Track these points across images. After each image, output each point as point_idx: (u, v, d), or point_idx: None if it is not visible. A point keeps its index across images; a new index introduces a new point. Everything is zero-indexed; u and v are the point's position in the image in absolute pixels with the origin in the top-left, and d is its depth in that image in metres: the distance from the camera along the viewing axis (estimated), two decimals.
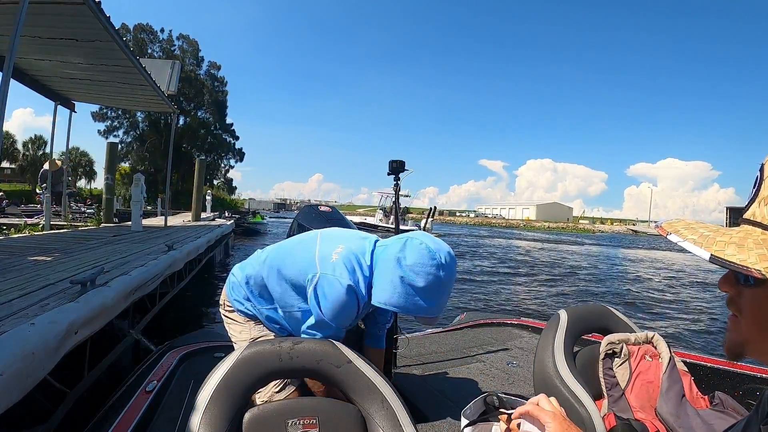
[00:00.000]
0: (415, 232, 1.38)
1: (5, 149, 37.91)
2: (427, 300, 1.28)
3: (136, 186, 8.33)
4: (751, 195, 0.47)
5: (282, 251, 1.49)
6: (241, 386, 0.92)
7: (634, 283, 13.21)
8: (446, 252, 1.31)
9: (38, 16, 4.89)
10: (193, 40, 39.30)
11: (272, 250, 1.53)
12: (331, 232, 1.51)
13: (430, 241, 1.32)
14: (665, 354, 1.52)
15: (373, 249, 1.39)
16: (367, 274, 1.34)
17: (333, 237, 1.45)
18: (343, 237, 1.46)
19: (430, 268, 1.27)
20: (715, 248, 0.44)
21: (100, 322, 2.72)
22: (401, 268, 1.27)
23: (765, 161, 0.45)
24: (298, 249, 1.45)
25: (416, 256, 1.27)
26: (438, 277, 1.27)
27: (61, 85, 8.19)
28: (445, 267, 1.29)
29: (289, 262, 1.42)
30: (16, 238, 6.21)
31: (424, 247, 1.28)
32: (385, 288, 1.29)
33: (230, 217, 17.91)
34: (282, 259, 1.45)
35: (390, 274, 1.29)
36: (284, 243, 1.54)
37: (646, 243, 41.69)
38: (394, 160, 2.51)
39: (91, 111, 35.33)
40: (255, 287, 1.52)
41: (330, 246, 1.38)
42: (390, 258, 1.31)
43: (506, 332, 3.06)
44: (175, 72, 10.74)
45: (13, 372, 1.74)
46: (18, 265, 3.77)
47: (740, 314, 0.49)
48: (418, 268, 1.26)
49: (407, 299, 1.27)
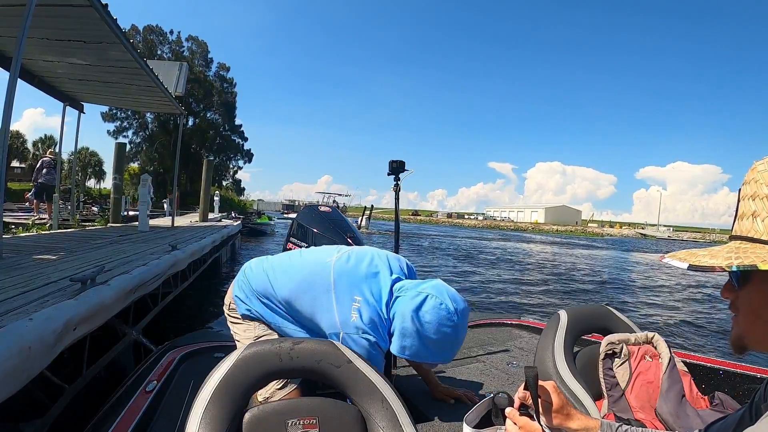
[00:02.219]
0: (434, 286, 1.41)
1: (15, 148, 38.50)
2: (440, 354, 1.41)
3: (143, 186, 8.40)
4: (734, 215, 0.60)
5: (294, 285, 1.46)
6: (241, 386, 0.92)
7: (636, 284, 13.17)
8: (462, 309, 1.39)
9: (45, 18, 4.95)
10: (203, 42, 39.82)
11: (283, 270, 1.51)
12: (343, 267, 1.45)
13: (449, 298, 1.37)
14: (665, 354, 1.51)
15: (389, 299, 1.42)
16: (386, 324, 1.41)
17: (347, 277, 1.42)
18: (358, 278, 1.43)
19: (447, 329, 1.35)
20: (694, 260, 0.57)
21: (98, 320, 2.74)
22: (420, 326, 1.35)
23: (741, 186, 0.59)
24: (311, 292, 1.43)
25: (435, 315, 1.34)
26: (454, 336, 1.38)
27: (69, 86, 8.29)
28: (461, 326, 1.38)
29: (305, 305, 1.43)
30: (23, 237, 6.28)
31: (444, 308, 1.35)
32: (404, 342, 1.38)
33: (236, 218, 18.02)
34: (295, 297, 1.45)
35: (409, 329, 1.36)
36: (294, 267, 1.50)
37: (653, 246, 41.36)
38: (394, 160, 2.49)
39: (101, 111, 35.90)
40: (266, 305, 1.52)
41: (346, 299, 1.37)
42: (408, 313, 1.36)
43: (506, 332, 3.03)
44: (182, 73, 10.86)
45: (9, 366, 1.76)
46: (22, 264, 3.80)
47: (738, 313, 0.60)
48: (436, 327, 1.34)
49: (423, 352, 1.38)
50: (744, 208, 0.58)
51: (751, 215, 0.56)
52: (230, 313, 1.62)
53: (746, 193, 0.58)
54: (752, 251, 0.54)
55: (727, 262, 0.53)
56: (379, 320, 1.37)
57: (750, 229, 0.56)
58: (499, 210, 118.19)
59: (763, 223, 0.54)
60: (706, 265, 0.55)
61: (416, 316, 1.34)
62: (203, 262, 7.38)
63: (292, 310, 1.46)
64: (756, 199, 0.56)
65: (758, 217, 0.55)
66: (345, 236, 2.41)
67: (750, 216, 0.56)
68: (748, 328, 0.59)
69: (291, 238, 2.60)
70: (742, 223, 0.57)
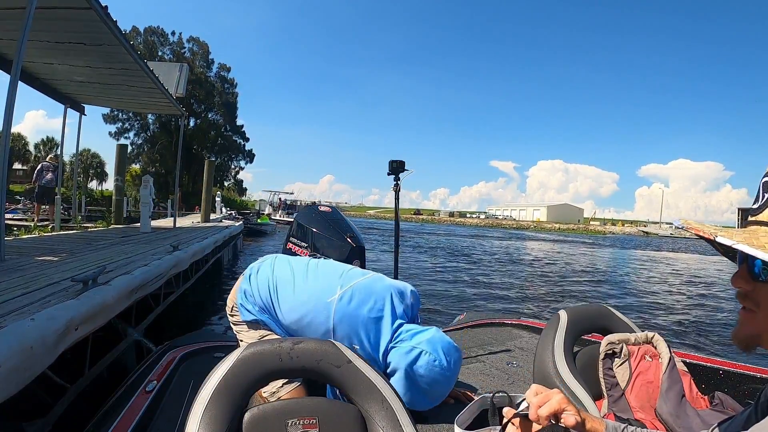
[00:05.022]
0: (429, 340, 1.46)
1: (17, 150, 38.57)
2: (432, 401, 1.50)
3: (145, 187, 8.41)
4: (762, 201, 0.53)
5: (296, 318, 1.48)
6: (241, 386, 0.91)
7: (636, 284, 13.11)
8: (455, 361, 1.48)
9: (46, 21, 4.97)
10: (204, 43, 39.86)
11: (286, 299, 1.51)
12: (345, 310, 1.45)
13: (442, 353, 1.44)
14: (665, 354, 1.50)
15: (387, 347, 1.46)
16: (383, 366, 1.48)
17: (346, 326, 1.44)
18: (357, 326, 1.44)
19: (440, 381, 1.45)
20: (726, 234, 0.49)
21: (100, 320, 2.75)
22: (413, 379, 1.42)
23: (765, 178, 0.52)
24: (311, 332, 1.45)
25: (428, 371, 1.42)
26: (446, 386, 1.48)
27: (70, 89, 8.31)
28: (452, 379, 1.48)
29: None
30: (25, 238, 6.30)
31: (438, 365, 1.42)
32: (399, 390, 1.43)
33: (237, 218, 18.04)
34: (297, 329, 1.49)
35: (403, 381, 1.43)
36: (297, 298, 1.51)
37: (655, 244, 41.30)
38: (393, 160, 2.50)
39: (102, 113, 35.96)
40: (270, 318, 1.55)
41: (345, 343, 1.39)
42: (403, 367, 1.43)
43: (506, 332, 3.03)
44: (183, 75, 10.88)
45: (11, 365, 1.77)
46: (24, 265, 3.82)
47: (757, 308, 0.52)
48: (430, 380, 1.43)
49: (417, 400, 1.46)
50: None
51: None
52: (233, 315, 1.63)
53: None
54: None
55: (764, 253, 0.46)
56: (377, 366, 1.43)
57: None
58: (501, 208, 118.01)
59: None
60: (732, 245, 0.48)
61: (411, 370, 1.42)
62: (205, 263, 7.39)
63: (294, 335, 1.51)
64: None
65: None
66: (345, 236, 2.41)
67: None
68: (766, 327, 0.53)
69: (291, 238, 2.60)
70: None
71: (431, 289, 9.62)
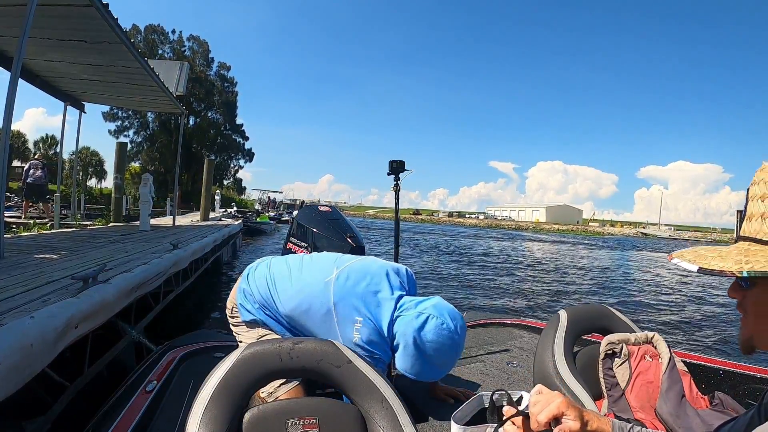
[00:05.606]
0: (435, 305, 1.44)
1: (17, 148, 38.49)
2: (441, 370, 1.49)
3: (144, 186, 8.39)
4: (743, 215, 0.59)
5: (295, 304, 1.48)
6: (241, 386, 0.92)
7: (636, 284, 13.11)
8: (461, 327, 1.44)
9: (46, 18, 4.96)
10: (204, 41, 39.73)
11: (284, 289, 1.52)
12: (343, 286, 1.46)
13: (449, 317, 1.42)
14: (665, 354, 1.50)
15: (392, 317, 1.44)
16: (388, 343, 1.46)
17: (347, 298, 1.44)
18: (358, 298, 1.44)
19: (449, 347, 1.41)
20: (703, 262, 0.56)
21: (100, 318, 2.74)
22: (423, 345, 1.39)
23: (750, 186, 0.58)
24: (312, 313, 1.45)
25: (437, 335, 1.39)
26: (455, 353, 1.45)
27: (70, 86, 8.30)
28: (460, 344, 1.45)
29: (307, 325, 1.47)
30: (24, 236, 6.30)
31: (445, 328, 1.40)
32: (407, 360, 1.43)
33: (237, 216, 18.02)
34: (297, 316, 1.48)
35: (412, 349, 1.41)
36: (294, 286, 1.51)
37: (654, 246, 41.31)
38: (393, 160, 2.49)
39: (102, 111, 35.82)
40: (269, 315, 1.55)
41: (348, 320, 1.40)
42: (411, 333, 1.40)
43: (506, 332, 3.03)
44: (183, 73, 10.85)
45: (11, 363, 1.76)
46: (24, 263, 3.81)
47: (746, 314, 0.60)
48: (438, 346, 1.40)
49: (426, 370, 1.44)
50: (753, 209, 0.57)
51: (760, 216, 0.55)
52: (232, 316, 1.63)
53: (755, 194, 0.57)
54: (762, 254, 0.53)
55: (737, 266, 0.52)
56: (380, 339, 1.42)
57: (759, 230, 0.55)
58: (501, 209, 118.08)
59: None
60: (716, 269, 0.54)
61: (419, 336, 1.38)
62: (204, 261, 7.38)
63: (296, 325, 1.50)
64: (765, 200, 0.55)
65: (767, 218, 0.54)
66: (345, 236, 2.41)
67: (759, 217, 0.55)
68: (756, 329, 0.58)
69: (291, 238, 2.60)
70: (751, 224, 0.57)
71: (431, 289, 9.61)
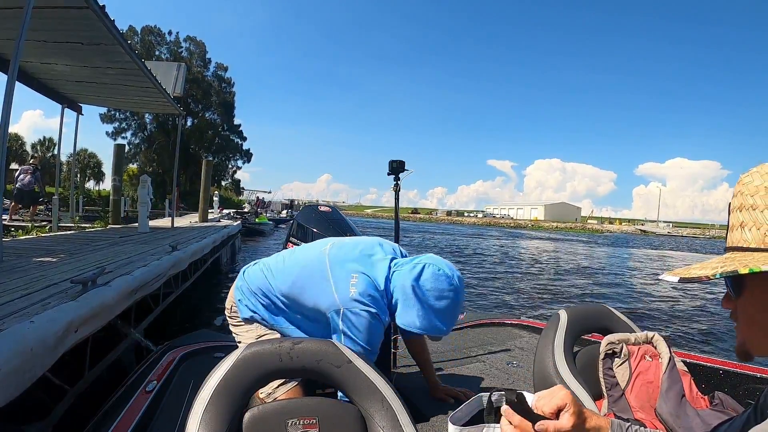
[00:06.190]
0: (429, 257, 1.46)
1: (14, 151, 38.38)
2: (445, 321, 1.43)
3: (143, 187, 8.37)
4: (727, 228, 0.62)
5: (296, 284, 1.48)
6: (241, 386, 0.92)
7: (636, 283, 13.11)
8: (459, 276, 1.44)
9: (43, 20, 4.95)
10: (201, 42, 39.67)
11: (285, 280, 1.52)
12: (337, 253, 1.49)
13: (445, 266, 1.43)
14: (665, 354, 1.50)
15: (387, 273, 1.44)
16: (386, 300, 1.43)
17: (342, 262, 1.45)
18: (353, 260, 1.45)
19: (449, 293, 1.40)
20: (685, 273, 0.60)
21: (100, 321, 2.74)
22: (422, 294, 1.39)
23: (731, 200, 0.61)
24: (312, 285, 1.45)
25: (435, 282, 1.39)
26: (456, 301, 1.42)
27: (67, 88, 8.28)
28: (460, 290, 1.43)
29: (307, 298, 1.45)
30: (22, 239, 6.28)
31: (442, 274, 1.40)
32: (408, 313, 1.41)
33: (235, 217, 18.00)
34: (299, 294, 1.47)
35: (411, 300, 1.40)
36: (295, 273, 1.51)
37: (653, 243, 41.39)
38: (393, 160, 2.49)
39: (100, 113, 35.75)
40: (267, 305, 1.54)
41: (344, 277, 1.40)
42: (409, 283, 1.40)
43: (506, 332, 3.03)
44: (180, 74, 10.85)
45: (11, 368, 1.76)
46: (23, 266, 3.80)
47: (737, 322, 0.62)
48: (438, 293, 1.39)
49: (428, 322, 1.40)
50: (733, 220, 0.61)
51: (740, 226, 0.59)
52: (231, 317, 1.64)
53: (734, 206, 0.60)
54: (739, 260, 0.56)
55: (713, 271, 0.55)
56: (377, 294, 1.40)
57: (739, 239, 0.59)
58: (499, 207, 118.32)
59: (750, 232, 0.57)
60: (695, 276, 0.58)
61: (417, 285, 1.38)
62: (204, 263, 7.37)
63: (294, 304, 1.48)
64: (743, 210, 0.59)
65: (745, 226, 0.58)
66: (345, 236, 2.41)
67: (739, 227, 0.59)
68: (747, 335, 0.61)
69: (291, 238, 2.61)
70: (733, 235, 0.60)
71: None
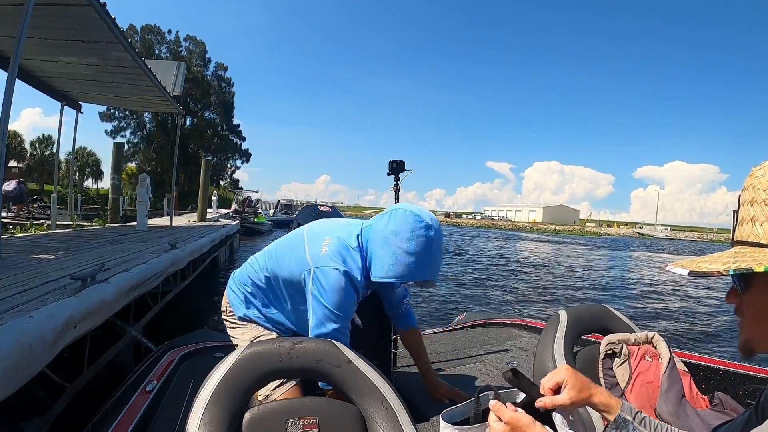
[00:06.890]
0: (397, 204, 1.44)
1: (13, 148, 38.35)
2: (423, 262, 1.34)
3: (142, 186, 8.38)
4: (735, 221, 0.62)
5: (275, 256, 1.51)
6: (240, 386, 0.92)
7: (635, 284, 13.16)
8: (429, 214, 1.38)
9: (44, 17, 4.94)
10: (200, 42, 39.75)
11: (267, 257, 1.55)
12: (317, 226, 1.52)
13: (416, 208, 1.39)
14: (665, 354, 1.50)
15: (359, 232, 1.43)
16: (358, 257, 1.39)
17: (319, 231, 1.47)
18: (329, 228, 1.47)
19: (420, 230, 1.33)
20: (695, 266, 0.59)
21: (99, 318, 2.73)
22: (393, 238, 1.33)
23: (741, 192, 0.61)
24: (288, 253, 1.47)
25: (402, 222, 1.34)
26: (429, 237, 1.34)
27: (67, 86, 8.27)
28: (433, 227, 1.35)
29: (284, 266, 1.45)
30: (21, 237, 6.27)
31: (409, 213, 1.36)
32: (382, 261, 1.35)
33: (234, 217, 18.01)
34: (277, 264, 1.48)
35: (383, 246, 1.35)
36: (276, 248, 1.55)
37: (651, 246, 41.49)
38: (393, 160, 2.49)
39: (99, 111, 35.75)
40: (256, 294, 1.55)
41: (317, 241, 1.41)
42: (378, 232, 1.37)
43: (506, 332, 3.04)
44: (180, 73, 10.85)
45: (10, 363, 1.76)
46: (21, 263, 3.79)
47: (743, 317, 0.62)
48: (408, 233, 1.32)
49: (404, 266, 1.33)
50: (744, 213, 0.60)
51: (750, 220, 0.58)
52: (228, 317, 1.64)
53: (745, 199, 0.60)
54: (751, 255, 0.56)
55: (725, 266, 0.55)
56: (348, 253, 1.37)
57: (750, 233, 0.58)
58: (497, 209, 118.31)
59: (761, 227, 0.57)
60: (706, 270, 0.57)
61: (386, 228, 1.35)
62: (202, 262, 7.37)
63: (280, 284, 1.48)
64: (754, 204, 0.58)
65: (757, 221, 0.57)
66: None
67: (749, 221, 0.58)
68: (753, 332, 0.61)
69: None
70: (743, 228, 0.59)
71: (431, 290, 9.61)
